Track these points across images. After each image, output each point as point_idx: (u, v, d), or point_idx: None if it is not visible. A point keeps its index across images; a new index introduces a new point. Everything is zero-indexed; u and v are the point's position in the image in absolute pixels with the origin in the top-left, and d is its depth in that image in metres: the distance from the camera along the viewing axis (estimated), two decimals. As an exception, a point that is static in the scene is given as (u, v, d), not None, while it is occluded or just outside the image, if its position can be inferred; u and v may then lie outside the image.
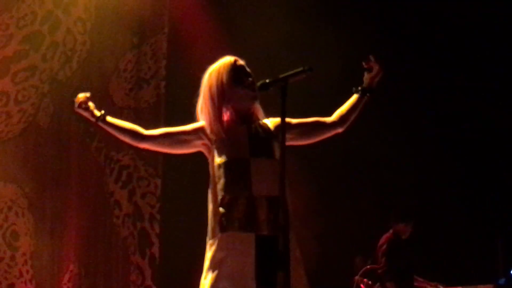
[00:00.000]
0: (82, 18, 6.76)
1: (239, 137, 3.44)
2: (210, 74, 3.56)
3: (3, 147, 6.64)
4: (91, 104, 3.54)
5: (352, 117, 3.60)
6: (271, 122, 3.55)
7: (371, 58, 3.56)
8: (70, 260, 6.58)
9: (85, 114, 3.54)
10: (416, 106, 7.04)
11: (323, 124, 3.61)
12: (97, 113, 3.53)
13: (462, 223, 6.96)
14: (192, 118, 3.62)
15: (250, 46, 5.94)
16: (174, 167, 6.82)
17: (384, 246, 6.72)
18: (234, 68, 3.50)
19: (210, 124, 3.51)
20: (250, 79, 3.47)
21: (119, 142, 7.26)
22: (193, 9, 7.10)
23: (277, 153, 3.42)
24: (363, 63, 3.56)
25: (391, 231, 6.92)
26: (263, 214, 3.34)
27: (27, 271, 6.64)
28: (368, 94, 3.58)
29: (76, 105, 3.52)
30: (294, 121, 3.57)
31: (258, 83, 3.33)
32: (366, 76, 3.59)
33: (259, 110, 3.54)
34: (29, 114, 6.72)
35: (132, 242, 6.74)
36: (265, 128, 3.49)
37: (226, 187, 3.39)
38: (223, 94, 3.45)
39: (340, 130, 3.60)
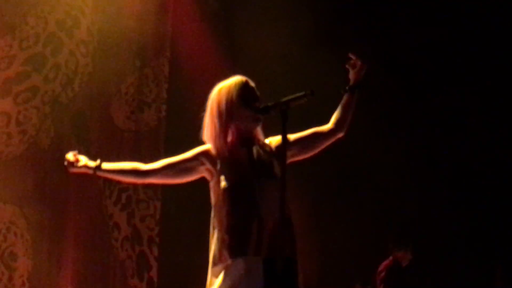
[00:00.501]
0: (85, 40, 7.05)
1: (241, 160, 3.47)
2: (220, 90, 3.59)
3: (3, 168, 6.93)
4: (81, 159, 3.55)
5: (349, 118, 3.63)
6: (271, 141, 3.54)
7: (352, 56, 3.55)
8: (68, 282, 6.73)
9: (81, 170, 3.53)
10: (419, 128, 7.01)
11: (322, 133, 3.63)
12: (92, 164, 3.52)
13: (461, 247, 6.90)
14: (193, 142, 3.63)
15: (252, 68, 5.91)
16: (173, 190, 6.90)
17: (383, 274, 6.74)
18: (244, 88, 3.52)
19: (214, 140, 3.51)
20: (257, 103, 3.46)
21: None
22: (195, 33, 7.25)
23: (278, 175, 3.39)
24: (346, 65, 3.56)
25: (390, 258, 6.90)
26: (272, 237, 3.32)
27: (25, 293, 6.68)
28: (357, 90, 3.55)
29: (69, 167, 3.50)
30: (292, 137, 3.60)
31: (260, 106, 3.34)
32: (351, 73, 3.57)
33: (259, 132, 3.53)
34: (30, 135, 6.89)
35: (131, 265, 6.86)
36: (266, 149, 3.49)
37: (234, 212, 3.38)
38: (231, 112, 3.49)
39: (340, 134, 3.64)
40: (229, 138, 3.66)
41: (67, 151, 7.45)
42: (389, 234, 7.28)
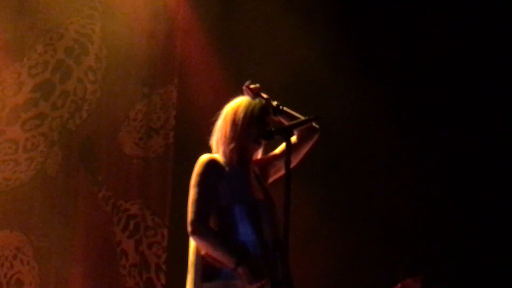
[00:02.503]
0: (93, 67, 7.10)
1: (245, 179, 3.46)
2: (242, 102, 3.57)
3: (10, 195, 6.96)
4: None
5: (305, 150, 3.58)
6: (257, 163, 3.56)
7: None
8: None
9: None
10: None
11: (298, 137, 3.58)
12: None
13: (473, 277, 6.88)
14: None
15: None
16: (181, 218, 6.85)
17: (391, 300, 6.69)
18: (265, 111, 3.54)
19: (225, 145, 3.49)
20: (267, 128, 3.48)
21: (127, 192, 7.27)
22: (203, 60, 7.35)
23: (271, 195, 3.44)
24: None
25: (399, 285, 6.87)
26: (275, 258, 3.35)
27: (31, 321, 6.72)
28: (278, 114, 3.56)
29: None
30: (274, 152, 3.57)
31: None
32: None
33: (255, 155, 3.56)
34: (37, 162, 6.94)
35: None
36: (257, 171, 3.52)
37: (239, 230, 3.36)
38: (247, 126, 3.45)
39: (310, 141, 3.56)
40: (232, 153, 3.67)
41: (74, 178, 7.57)
42: (399, 261, 7.26)
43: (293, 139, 3.74)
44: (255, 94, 3.74)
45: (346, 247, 7.44)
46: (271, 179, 3.70)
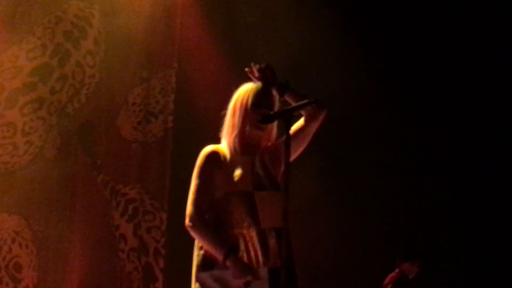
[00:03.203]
0: (92, 51, 7.08)
1: (243, 168, 3.43)
2: (240, 91, 3.56)
3: (8, 178, 6.95)
4: None
5: (313, 130, 3.53)
6: (268, 149, 3.52)
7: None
8: None
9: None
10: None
11: (308, 116, 3.52)
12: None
13: (471, 261, 6.90)
14: (200, 153, 3.59)
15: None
16: (180, 202, 6.84)
17: (389, 286, 6.71)
18: (260, 94, 3.51)
19: (228, 135, 3.46)
20: (266, 110, 3.42)
21: (125, 176, 7.26)
22: (203, 44, 7.31)
23: (280, 184, 3.42)
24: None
25: (397, 270, 6.91)
26: (274, 246, 3.33)
27: (29, 304, 6.73)
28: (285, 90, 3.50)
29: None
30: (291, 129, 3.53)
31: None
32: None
33: (264, 139, 3.52)
34: (36, 145, 6.94)
35: (137, 277, 6.93)
36: (267, 158, 3.49)
37: (233, 222, 3.36)
38: (243, 113, 3.42)
39: (316, 122, 3.51)
40: (234, 142, 3.65)
41: (73, 162, 7.57)
42: (397, 246, 7.29)
43: (301, 121, 3.71)
44: (258, 77, 3.71)
45: (345, 223, 7.47)
46: (293, 157, 3.64)
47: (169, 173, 7.47)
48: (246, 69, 3.73)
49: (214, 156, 3.61)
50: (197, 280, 3.53)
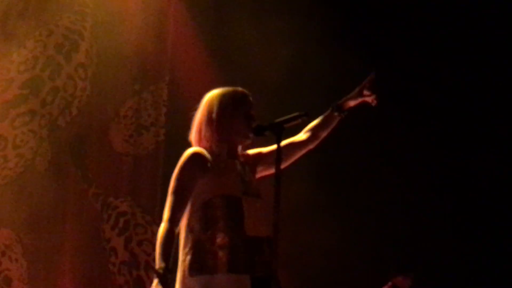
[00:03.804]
0: (84, 64, 7.11)
1: (230, 173, 3.44)
2: (224, 95, 3.55)
3: (-1, 191, 6.72)
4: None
5: (324, 136, 3.59)
6: (245, 157, 3.53)
7: (370, 86, 3.51)
8: None
9: None
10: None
11: (294, 144, 3.62)
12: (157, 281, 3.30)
13: (465, 276, 6.88)
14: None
15: (253, 89, 5.98)
16: (171, 215, 6.78)
17: (381, 299, 6.70)
18: (248, 103, 3.52)
19: (212, 142, 3.45)
20: (252, 122, 3.46)
21: (117, 189, 7.23)
22: (195, 57, 7.32)
23: (262, 192, 3.43)
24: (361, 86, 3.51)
25: (389, 283, 6.88)
26: (257, 255, 3.33)
27: (20, 318, 6.70)
28: (343, 115, 3.53)
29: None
30: (265, 150, 3.59)
31: (254, 125, 3.37)
32: (354, 95, 3.54)
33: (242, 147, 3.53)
34: (26, 158, 6.94)
35: None
36: (246, 166, 3.49)
37: (220, 226, 3.35)
38: (230, 121, 3.43)
39: (311, 147, 3.58)
40: (217, 146, 3.64)
41: (64, 175, 7.53)
42: (390, 259, 7.28)
43: (297, 140, 3.72)
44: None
45: (337, 232, 7.45)
46: (257, 176, 3.68)
47: (161, 186, 7.45)
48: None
49: (197, 158, 3.58)
50: (184, 286, 3.51)
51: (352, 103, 3.82)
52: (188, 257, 3.51)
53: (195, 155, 3.59)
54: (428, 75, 7.48)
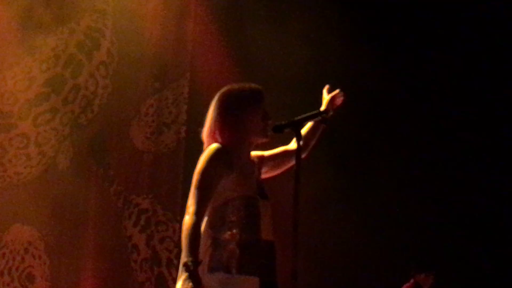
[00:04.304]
0: (105, 62, 7.13)
1: (250, 174, 3.42)
2: (242, 91, 3.48)
3: (22, 189, 7.01)
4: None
5: (312, 144, 3.57)
6: (255, 159, 3.51)
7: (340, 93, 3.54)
8: None
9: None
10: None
11: (288, 152, 3.60)
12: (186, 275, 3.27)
13: (486, 274, 6.85)
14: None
15: (271, 88, 5.98)
16: (192, 212, 6.78)
17: (403, 297, 6.68)
18: (264, 100, 3.47)
19: (231, 140, 3.40)
20: (269, 119, 3.43)
21: (138, 186, 7.25)
22: (215, 54, 7.30)
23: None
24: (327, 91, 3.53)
25: (412, 280, 6.87)
26: (266, 258, 3.32)
27: (42, 314, 6.75)
28: (327, 125, 3.52)
29: None
30: (267, 153, 3.57)
31: (272, 124, 3.35)
32: (329, 103, 3.53)
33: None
34: (48, 156, 6.99)
35: (149, 287, 6.75)
36: (255, 167, 3.47)
37: (241, 226, 3.33)
38: (251, 116, 3.37)
39: (303, 155, 3.55)
40: (238, 145, 3.57)
41: (86, 173, 7.57)
42: (412, 257, 7.26)
43: (291, 148, 3.70)
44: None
45: (357, 229, 7.44)
46: (263, 177, 3.66)
47: (182, 183, 7.47)
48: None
49: (223, 154, 3.52)
50: (203, 282, 3.47)
51: (330, 109, 3.79)
52: (208, 254, 3.48)
53: (221, 151, 3.51)
54: (444, 67, 7.49)
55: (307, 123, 3.36)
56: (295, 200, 3.11)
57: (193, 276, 3.30)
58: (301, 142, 3.29)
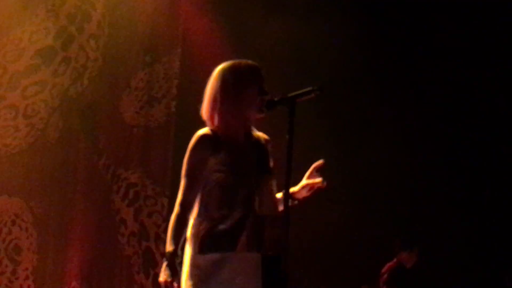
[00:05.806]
0: (95, 35, 7.07)
1: (244, 151, 3.40)
2: (239, 67, 3.48)
3: (10, 160, 6.99)
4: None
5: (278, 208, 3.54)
6: (261, 137, 3.50)
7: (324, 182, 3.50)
8: (72, 277, 6.75)
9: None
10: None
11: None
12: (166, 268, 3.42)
13: (469, 249, 6.89)
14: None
15: (263, 64, 5.96)
16: (181, 187, 6.78)
17: (386, 275, 6.69)
18: (261, 77, 3.46)
19: (228, 117, 3.40)
20: (265, 96, 3.41)
21: (127, 160, 7.24)
22: (207, 30, 7.24)
23: (273, 171, 3.41)
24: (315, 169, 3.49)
25: (394, 259, 6.88)
26: (267, 233, 3.32)
27: (29, 286, 6.79)
28: (296, 203, 3.50)
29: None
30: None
31: (266, 99, 3.34)
32: (304, 185, 3.48)
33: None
34: (37, 128, 6.95)
35: (137, 261, 6.91)
36: (260, 143, 3.46)
37: (233, 204, 3.33)
38: (246, 94, 3.38)
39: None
40: (232, 121, 3.58)
41: (75, 145, 7.54)
42: (395, 235, 7.27)
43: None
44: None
45: (342, 208, 7.46)
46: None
47: (171, 158, 7.46)
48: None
49: (207, 139, 3.54)
50: (194, 262, 3.49)
51: (303, 193, 3.74)
52: (201, 235, 3.49)
53: (203, 137, 3.55)
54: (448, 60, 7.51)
55: (300, 99, 3.35)
56: (287, 179, 3.11)
57: (170, 266, 3.38)
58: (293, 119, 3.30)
